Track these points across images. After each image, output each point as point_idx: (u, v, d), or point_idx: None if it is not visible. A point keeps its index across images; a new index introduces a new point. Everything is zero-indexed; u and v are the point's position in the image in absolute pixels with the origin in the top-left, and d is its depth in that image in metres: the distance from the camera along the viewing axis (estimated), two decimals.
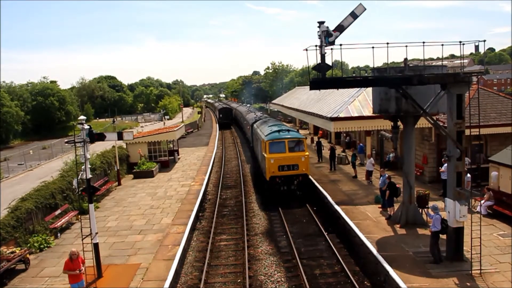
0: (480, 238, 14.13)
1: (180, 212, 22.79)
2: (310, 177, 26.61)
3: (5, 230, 17.07)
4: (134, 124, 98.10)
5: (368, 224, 19.05)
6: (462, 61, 19.39)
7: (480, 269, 13.81)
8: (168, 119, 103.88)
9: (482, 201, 19.26)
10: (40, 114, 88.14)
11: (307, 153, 25.61)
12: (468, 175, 19.27)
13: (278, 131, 26.73)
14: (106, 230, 20.39)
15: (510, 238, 16.60)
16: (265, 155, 25.75)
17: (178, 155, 42.13)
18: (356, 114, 26.68)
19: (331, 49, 14.60)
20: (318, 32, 14.59)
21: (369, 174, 26.56)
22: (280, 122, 35.36)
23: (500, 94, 28.89)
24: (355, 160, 28.98)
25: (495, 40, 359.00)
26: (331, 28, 14.61)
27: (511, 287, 12.83)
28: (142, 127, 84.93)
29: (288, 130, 27.29)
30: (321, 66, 14.66)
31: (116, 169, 31.26)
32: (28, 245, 17.87)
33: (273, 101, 71.26)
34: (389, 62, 16.85)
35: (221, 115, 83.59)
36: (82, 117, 15.35)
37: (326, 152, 34.55)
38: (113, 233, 20.03)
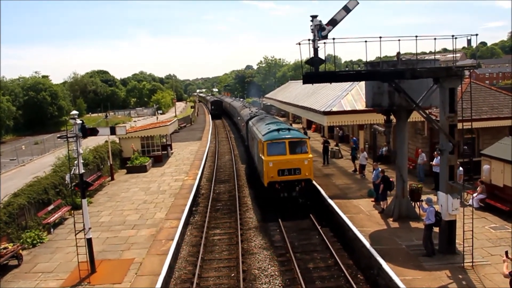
0: (472, 231, 14.27)
1: (174, 207, 22.77)
2: (314, 182, 23.92)
3: None
4: (127, 118, 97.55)
5: (362, 218, 19.14)
6: (454, 55, 19.44)
7: (472, 262, 13.95)
8: (161, 114, 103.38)
9: (474, 195, 19.43)
10: (32, 109, 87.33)
11: (310, 155, 22.88)
12: (461, 168, 19.40)
13: (277, 130, 24.00)
14: (99, 225, 20.33)
15: (502, 231, 16.77)
16: (262, 157, 22.93)
17: (171, 149, 42.03)
18: (349, 108, 26.69)
19: (324, 43, 14.59)
20: (311, 26, 14.56)
21: (362, 168, 26.66)
22: (279, 120, 34.78)
23: (492, 88, 29.12)
24: (356, 153, 28.85)
25: (487, 34, 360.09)
26: (324, 22, 14.59)
27: None
28: (135, 121, 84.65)
29: (289, 129, 24.46)
30: (314, 60, 14.65)
31: (109, 164, 31.14)
32: (21, 240, 17.78)
33: (266, 95, 71.20)
34: (382, 56, 16.89)
35: (213, 107, 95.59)
36: (74, 112, 15.24)
37: (319, 146, 34.58)
38: (106, 228, 19.98)
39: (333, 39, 14.38)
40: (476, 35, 15.08)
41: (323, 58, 14.67)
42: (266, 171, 22.46)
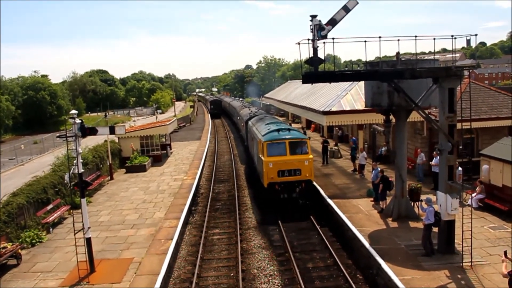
0: (471, 231, 14.27)
1: (173, 206, 22.77)
2: (314, 183, 23.56)
3: None
4: (126, 118, 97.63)
5: (361, 218, 19.15)
6: (454, 55, 19.39)
7: (471, 262, 13.96)
8: (160, 113, 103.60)
9: (473, 194, 19.45)
10: (31, 109, 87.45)
11: (311, 156, 22.51)
12: (460, 168, 19.41)
13: (278, 130, 23.64)
14: (98, 225, 20.33)
15: (501, 231, 16.79)
16: (262, 158, 22.60)
17: (171, 149, 42.01)
18: (348, 108, 26.68)
19: (324, 43, 14.59)
20: (310, 26, 14.57)
21: (361, 167, 26.68)
22: (279, 120, 34.67)
23: (492, 88, 29.14)
24: (355, 153, 28.86)
25: (487, 34, 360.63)
26: (324, 22, 14.60)
27: None
28: (134, 121, 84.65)
29: (289, 129, 24.14)
30: (314, 60, 14.66)
31: (108, 164, 31.13)
32: (20, 240, 17.77)
33: (266, 95, 71.15)
34: (381, 56, 16.89)
35: (212, 106, 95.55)
36: (73, 111, 15.23)
37: (318, 146, 34.60)
38: (105, 228, 19.97)
39: (333, 39, 14.39)
40: (476, 35, 15.11)
41: (323, 58, 14.68)
42: (266, 171, 22.12)
